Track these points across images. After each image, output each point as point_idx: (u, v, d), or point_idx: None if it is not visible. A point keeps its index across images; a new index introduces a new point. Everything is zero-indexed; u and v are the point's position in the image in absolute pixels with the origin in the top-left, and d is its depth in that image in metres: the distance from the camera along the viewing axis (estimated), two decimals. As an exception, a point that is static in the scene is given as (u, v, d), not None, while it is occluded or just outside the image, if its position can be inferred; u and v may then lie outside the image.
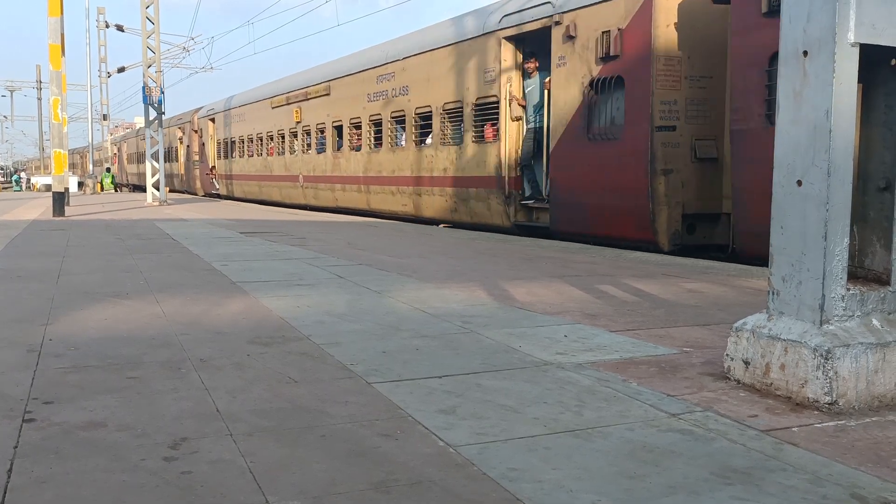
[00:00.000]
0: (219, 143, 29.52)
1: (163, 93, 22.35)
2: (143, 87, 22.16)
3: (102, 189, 38.89)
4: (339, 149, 19.03)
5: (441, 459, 2.40)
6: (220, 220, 15.29)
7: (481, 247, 9.48)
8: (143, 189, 41.54)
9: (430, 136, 14.81)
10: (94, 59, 38.88)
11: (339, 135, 19.07)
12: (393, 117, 16.08)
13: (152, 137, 22.85)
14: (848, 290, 2.99)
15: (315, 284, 6.13)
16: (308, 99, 20.55)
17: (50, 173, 24.91)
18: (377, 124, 16.86)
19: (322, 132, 19.90)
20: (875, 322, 3.03)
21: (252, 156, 25.58)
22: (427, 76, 14.77)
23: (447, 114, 14.03)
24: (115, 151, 54.70)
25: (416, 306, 5.11)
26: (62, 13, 16.28)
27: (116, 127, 65.20)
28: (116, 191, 41.62)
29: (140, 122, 47.83)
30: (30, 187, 49.88)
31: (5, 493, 2.16)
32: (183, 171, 35.86)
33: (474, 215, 13.41)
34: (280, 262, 7.74)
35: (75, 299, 5.43)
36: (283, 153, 22.61)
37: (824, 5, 2.87)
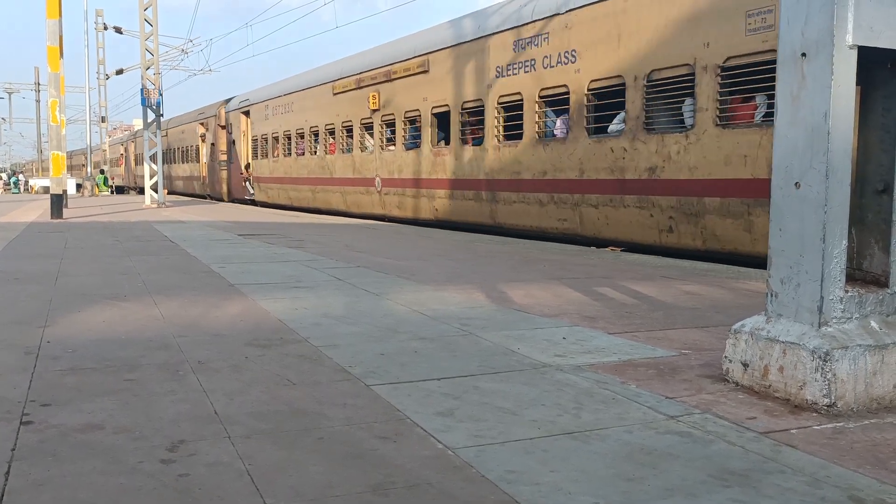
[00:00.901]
0: (255, 140, 24.88)
1: (161, 95, 22.33)
2: (142, 90, 22.15)
3: (99, 191, 38.80)
4: (443, 143, 14.47)
5: (439, 462, 2.40)
6: (218, 222, 15.28)
7: (480, 249, 9.47)
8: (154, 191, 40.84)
9: (622, 118, 10.04)
10: (92, 62, 38.92)
11: (443, 125, 14.43)
12: (544, 97, 11.41)
13: (150, 139, 22.82)
14: (846, 292, 2.99)
15: (313, 287, 6.12)
16: (392, 79, 15.93)
17: (48, 175, 24.92)
18: (512, 108, 12.17)
19: (414, 122, 15.24)
20: (873, 324, 3.03)
21: (301, 154, 21.06)
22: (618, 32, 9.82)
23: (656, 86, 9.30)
24: (122, 152, 51.48)
25: (415, 308, 5.11)
26: (61, 15, 16.28)
27: (115, 129, 65.08)
28: (111, 193, 41.32)
29: (138, 123, 47.13)
30: (27, 189, 49.76)
31: (3, 495, 2.15)
32: (205, 174, 31.55)
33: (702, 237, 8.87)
34: (278, 264, 7.73)
35: (73, 301, 5.42)
36: (351, 150, 17.99)
37: (822, 8, 2.88)
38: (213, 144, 29.63)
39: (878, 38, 2.91)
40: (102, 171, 42.83)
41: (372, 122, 16.79)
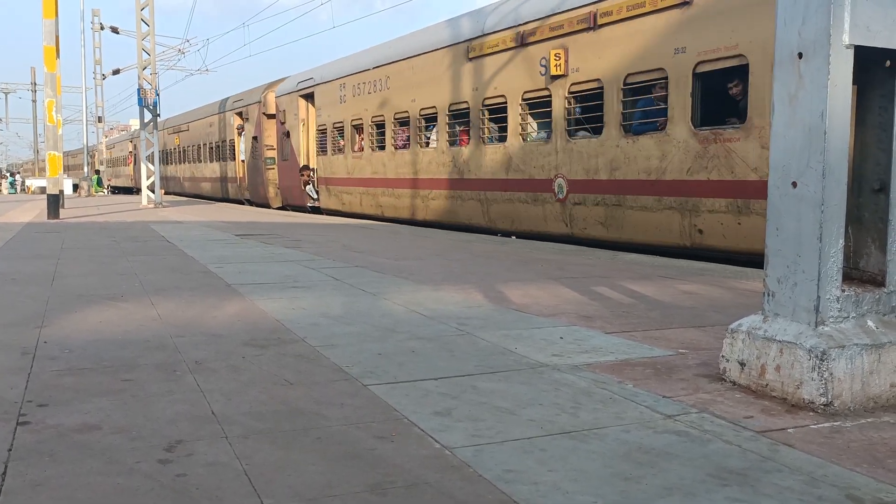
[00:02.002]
0: (322, 131, 18.69)
1: (158, 95, 22.30)
2: (139, 90, 22.11)
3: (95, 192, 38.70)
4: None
5: (437, 461, 2.40)
6: (216, 222, 15.26)
7: (477, 249, 9.47)
8: (173, 193, 35.43)
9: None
10: (89, 62, 38.83)
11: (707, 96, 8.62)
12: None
13: (147, 139, 22.79)
14: (843, 291, 2.99)
15: (311, 287, 6.12)
16: (597, 27, 9.90)
17: (44, 175, 24.85)
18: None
19: (650, 90, 9.31)
20: (870, 323, 3.04)
21: (404, 147, 14.96)
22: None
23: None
24: (132, 149, 45.80)
25: (412, 308, 5.11)
26: (57, 15, 16.26)
27: (111, 129, 64.96)
28: (107, 194, 41.06)
29: (135, 123, 46.55)
30: (24, 189, 49.61)
31: (0, 496, 2.15)
32: (243, 174, 25.01)
33: None
34: (275, 264, 7.73)
35: (70, 302, 5.41)
36: (503, 139, 11.98)
37: (819, 7, 2.88)
38: (254, 138, 23.15)
39: (875, 38, 2.92)
40: (98, 172, 42.70)
41: (549, 95, 10.89)
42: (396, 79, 15.18)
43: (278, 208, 21.95)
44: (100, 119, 43.13)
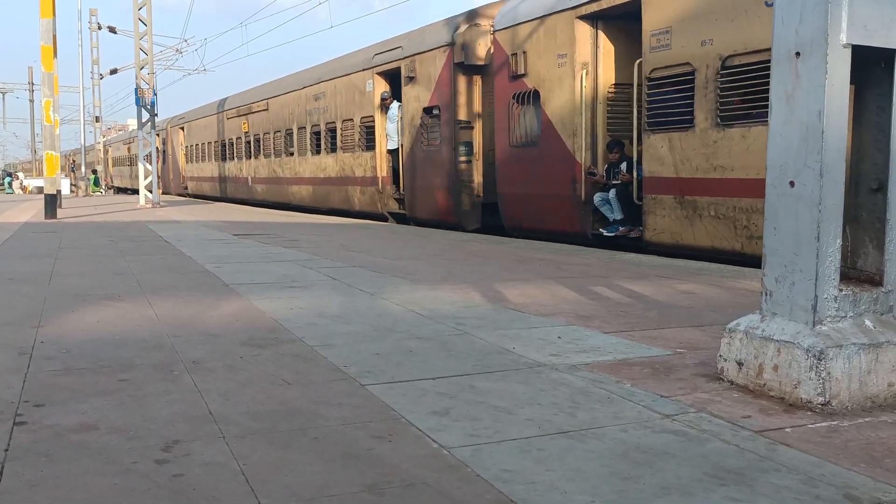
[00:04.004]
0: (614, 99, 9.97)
1: (155, 94, 22.26)
2: (136, 89, 22.08)
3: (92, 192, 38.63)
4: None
5: (434, 461, 2.40)
6: (213, 221, 15.24)
7: (475, 248, 9.47)
8: (230, 200, 26.47)
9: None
10: (86, 61, 38.76)
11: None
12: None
13: (144, 140, 22.77)
14: (840, 290, 2.99)
15: (308, 286, 6.12)
16: None
17: (42, 175, 24.58)
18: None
19: None
20: (868, 323, 3.04)
21: None
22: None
23: None
24: (158, 145, 37.75)
25: (410, 308, 5.10)
26: (54, 15, 16.24)
27: (109, 129, 64.86)
28: (103, 193, 40.77)
29: (133, 124, 45.80)
30: (21, 189, 49.47)
31: (-5, 496, 2.14)
32: (387, 172, 15.62)
33: None
34: (273, 264, 7.72)
35: (67, 302, 5.40)
36: None
37: (816, 7, 2.88)
38: (429, 111, 13.59)
39: (873, 38, 2.92)
40: (95, 172, 42.62)
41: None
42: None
43: (475, 231, 12.59)
44: (97, 119, 43.07)
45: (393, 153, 15.35)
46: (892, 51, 2.99)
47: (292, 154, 20.53)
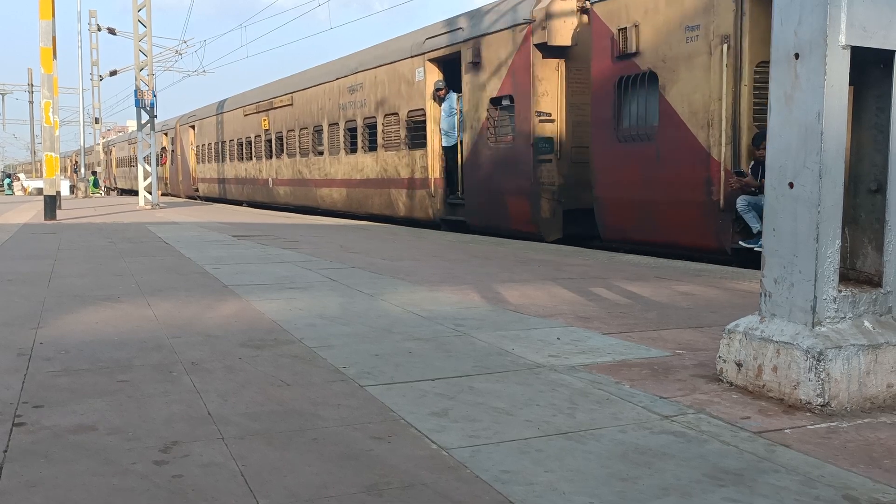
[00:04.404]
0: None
1: (155, 96, 22.26)
2: (136, 91, 22.09)
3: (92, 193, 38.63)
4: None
5: (433, 462, 2.40)
6: (212, 223, 15.24)
7: (475, 249, 9.47)
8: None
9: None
10: (85, 63, 38.81)
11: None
12: None
13: (144, 141, 22.77)
14: (839, 291, 2.99)
15: (307, 287, 6.11)
16: None
17: (41, 176, 24.48)
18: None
19: None
20: (867, 324, 3.04)
21: None
22: None
23: None
24: (166, 145, 34.23)
25: (409, 309, 5.10)
26: (54, 16, 16.24)
27: (108, 130, 64.83)
28: (102, 195, 40.73)
29: (132, 125, 45.75)
30: (22, 190, 49.42)
31: (-6, 497, 2.14)
32: (440, 174, 13.45)
33: None
34: (272, 265, 7.72)
35: (66, 303, 5.40)
36: None
37: (815, 8, 2.88)
38: (498, 101, 11.72)
39: (871, 39, 2.92)
40: (94, 173, 42.63)
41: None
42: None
43: (556, 242, 10.72)
44: (97, 120, 43.08)
45: (448, 151, 13.18)
46: (890, 52, 3.00)
47: (321, 153, 18.29)
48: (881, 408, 2.95)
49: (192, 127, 30.25)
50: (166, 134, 33.70)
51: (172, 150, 32.88)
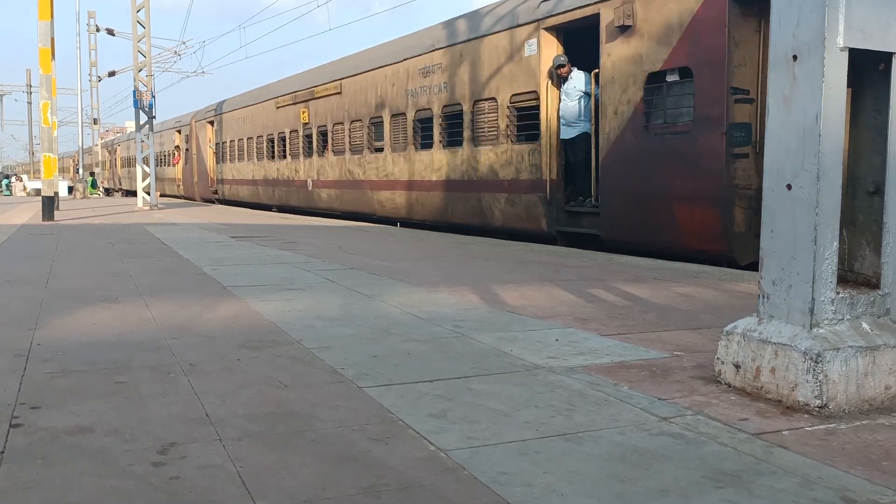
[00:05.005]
0: None
1: (154, 97, 22.27)
2: (134, 92, 22.08)
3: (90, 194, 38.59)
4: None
5: (431, 463, 2.39)
6: (211, 224, 15.23)
7: (474, 251, 9.47)
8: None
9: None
10: (84, 63, 38.76)
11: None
12: None
13: (143, 141, 22.76)
14: (838, 293, 2.99)
15: (306, 288, 6.11)
16: None
17: (39, 177, 24.41)
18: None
19: None
20: (865, 325, 3.04)
21: None
22: None
23: None
24: (179, 144, 31.89)
25: (408, 310, 5.10)
26: (52, 17, 16.24)
27: (107, 131, 64.78)
28: (101, 196, 40.66)
29: (130, 126, 45.64)
30: (24, 191, 49.32)
31: (-9, 498, 2.13)
32: (557, 174, 10.74)
33: None
34: (271, 266, 7.71)
35: (64, 303, 5.40)
36: None
37: (814, 10, 2.89)
38: (671, 76, 8.92)
39: (870, 40, 2.92)
40: (92, 174, 42.60)
41: None
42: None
43: (748, 267, 7.82)
44: (95, 121, 43.07)
45: (568, 145, 10.59)
46: (889, 54, 3.00)
47: (380, 150, 15.34)
48: (879, 409, 2.95)
49: (211, 123, 27.53)
50: (179, 131, 31.09)
51: (187, 149, 30.41)
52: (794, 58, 2.97)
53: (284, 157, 20.77)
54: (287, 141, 20.48)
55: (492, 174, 11.96)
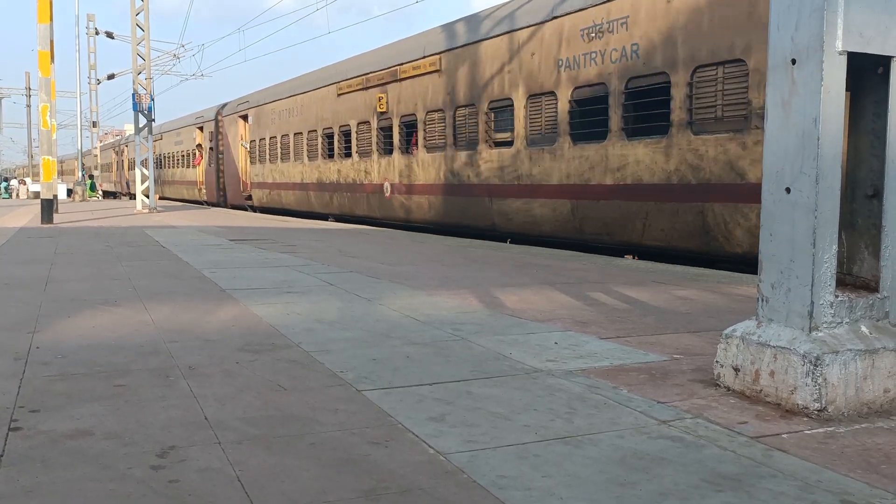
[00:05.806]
0: None
1: (153, 100, 22.28)
2: (133, 95, 22.09)
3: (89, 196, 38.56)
4: None
5: (431, 467, 2.39)
6: (210, 227, 15.23)
7: (474, 254, 9.47)
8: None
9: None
10: (83, 66, 38.81)
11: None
12: None
13: (142, 144, 22.76)
14: (837, 296, 3.00)
15: (305, 292, 6.11)
16: None
17: (38, 180, 24.36)
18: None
19: None
20: (864, 329, 3.04)
21: None
22: None
23: None
24: (201, 142, 28.87)
25: (407, 314, 5.10)
26: (52, 20, 16.25)
27: (106, 134, 64.75)
28: (99, 198, 40.61)
29: (129, 129, 45.54)
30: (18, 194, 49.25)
31: (-10, 502, 2.13)
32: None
33: None
34: (270, 269, 7.71)
35: (63, 307, 5.39)
36: None
37: (812, 14, 2.89)
38: None
39: (868, 44, 2.93)
40: (91, 177, 42.58)
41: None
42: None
43: None
44: (94, 124, 43.07)
45: None
46: (888, 57, 3.00)
47: (507, 144, 11.76)
48: (878, 413, 2.95)
49: (244, 117, 23.90)
50: (200, 128, 27.75)
51: (211, 148, 26.73)
52: (793, 61, 2.98)
53: (349, 155, 17.12)
54: (354, 135, 16.81)
55: (736, 176, 8.08)
